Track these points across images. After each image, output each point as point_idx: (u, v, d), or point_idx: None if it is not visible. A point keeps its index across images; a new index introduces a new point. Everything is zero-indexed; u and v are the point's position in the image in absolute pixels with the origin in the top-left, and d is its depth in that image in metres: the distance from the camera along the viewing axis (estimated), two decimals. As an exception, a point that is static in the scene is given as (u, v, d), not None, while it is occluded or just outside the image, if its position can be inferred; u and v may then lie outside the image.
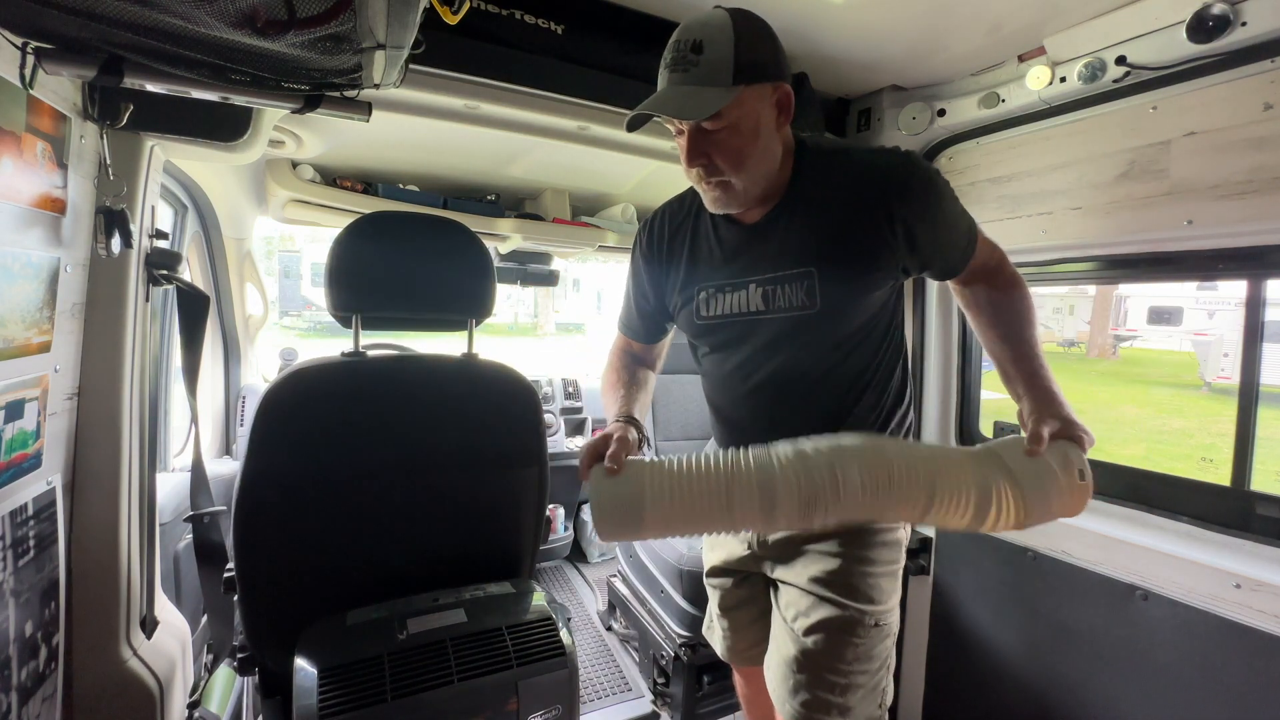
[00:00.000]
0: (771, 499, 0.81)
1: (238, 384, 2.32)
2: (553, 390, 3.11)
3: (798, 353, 1.01)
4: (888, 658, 1.04)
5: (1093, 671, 1.44)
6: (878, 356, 1.04)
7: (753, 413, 1.08)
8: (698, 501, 0.81)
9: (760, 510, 0.81)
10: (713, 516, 0.82)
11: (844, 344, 1.01)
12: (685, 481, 0.82)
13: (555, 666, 0.97)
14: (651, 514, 0.81)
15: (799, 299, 0.97)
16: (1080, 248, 1.50)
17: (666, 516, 0.81)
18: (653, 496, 0.82)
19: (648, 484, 0.82)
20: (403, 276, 1.14)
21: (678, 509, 0.81)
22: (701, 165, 0.91)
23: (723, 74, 0.84)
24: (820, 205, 0.96)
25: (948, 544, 1.79)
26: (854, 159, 0.98)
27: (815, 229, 0.96)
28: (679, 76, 0.85)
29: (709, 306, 1.05)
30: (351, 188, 1.98)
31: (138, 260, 1.03)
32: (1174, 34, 1.20)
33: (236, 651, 1.10)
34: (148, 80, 0.76)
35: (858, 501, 0.80)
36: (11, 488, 0.81)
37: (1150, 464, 2.69)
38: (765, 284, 0.99)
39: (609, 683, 2.08)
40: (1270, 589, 1.15)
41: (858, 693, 1.00)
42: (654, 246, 1.13)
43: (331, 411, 1.04)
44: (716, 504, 0.81)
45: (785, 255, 0.98)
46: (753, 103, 0.88)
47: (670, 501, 0.81)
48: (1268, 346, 1.31)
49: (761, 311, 1.00)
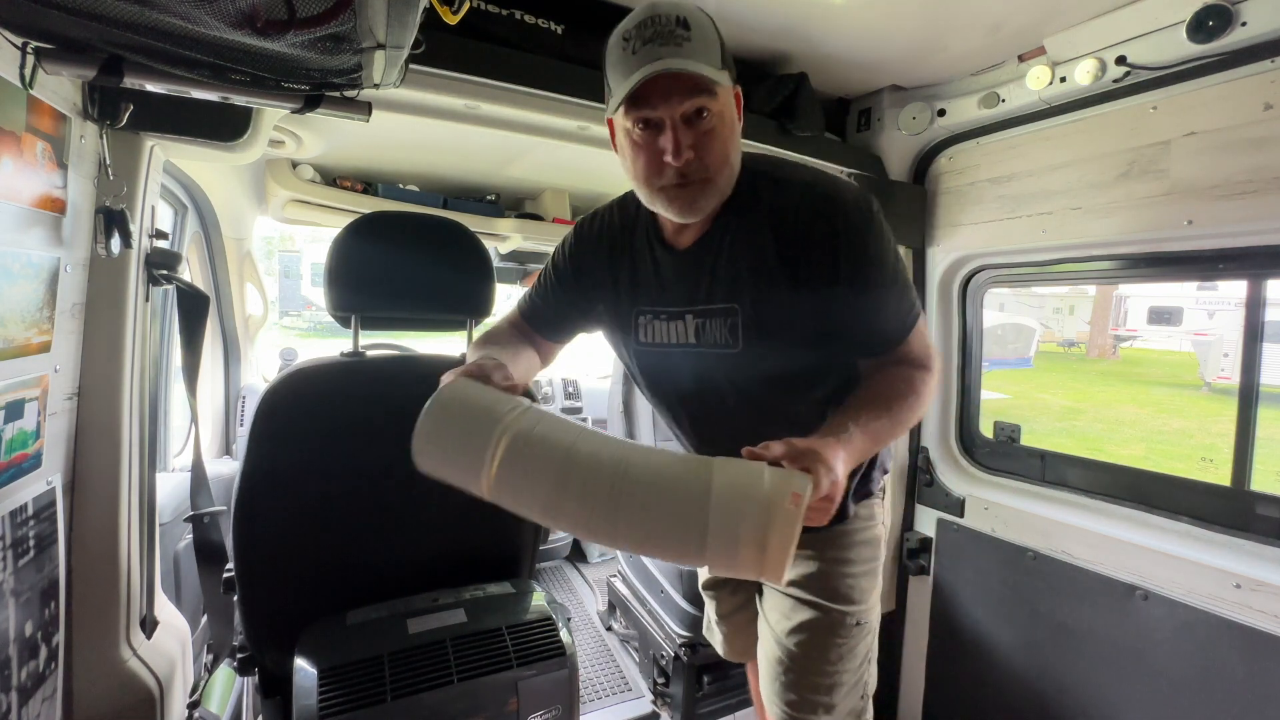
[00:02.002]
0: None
1: (238, 384, 2.32)
2: (552, 390, 3.11)
3: (727, 390, 0.93)
4: (870, 652, 1.06)
5: (1093, 671, 1.44)
6: (824, 402, 0.93)
7: (687, 437, 1.06)
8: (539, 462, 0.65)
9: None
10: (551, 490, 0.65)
11: (781, 383, 0.91)
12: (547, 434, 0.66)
13: (555, 666, 0.97)
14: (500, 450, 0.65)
15: (724, 336, 0.89)
16: (1080, 248, 1.50)
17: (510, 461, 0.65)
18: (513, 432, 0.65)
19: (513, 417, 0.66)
20: (402, 277, 1.14)
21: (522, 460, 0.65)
22: (688, 160, 0.78)
23: (714, 54, 0.75)
24: (750, 235, 0.86)
25: (948, 544, 1.79)
26: (785, 186, 0.86)
27: (743, 263, 0.86)
28: (669, 50, 0.72)
29: (647, 333, 0.97)
30: (351, 188, 1.98)
31: (138, 260, 1.03)
32: (1174, 34, 1.20)
33: (236, 651, 1.10)
34: (148, 80, 0.76)
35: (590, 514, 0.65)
36: (11, 488, 0.81)
37: (1150, 464, 2.69)
38: (698, 316, 0.91)
39: (609, 683, 2.08)
40: (1270, 589, 1.15)
41: (842, 689, 1.02)
42: (590, 251, 1.01)
43: (331, 411, 1.04)
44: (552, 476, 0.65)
45: (714, 288, 0.89)
46: (731, 97, 0.81)
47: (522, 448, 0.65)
48: (1268, 346, 1.31)
49: (694, 345, 0.92)
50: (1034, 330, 15.10)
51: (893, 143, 1.77)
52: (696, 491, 0.62)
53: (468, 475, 0.68)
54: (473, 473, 0.67)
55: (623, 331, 1.00)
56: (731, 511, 0.60)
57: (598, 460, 0.65)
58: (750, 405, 0.94)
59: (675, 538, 0.63)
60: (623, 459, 0.65)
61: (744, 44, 1.48)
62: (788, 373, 0.90)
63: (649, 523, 0.63)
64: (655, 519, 0.63)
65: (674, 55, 0.72)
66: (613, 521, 0.64)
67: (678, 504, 0.62)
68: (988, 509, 1.68)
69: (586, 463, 0.65)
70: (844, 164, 1.69)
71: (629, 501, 0.63)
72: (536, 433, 0.66)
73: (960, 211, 1.73)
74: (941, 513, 1.80)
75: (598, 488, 0.64)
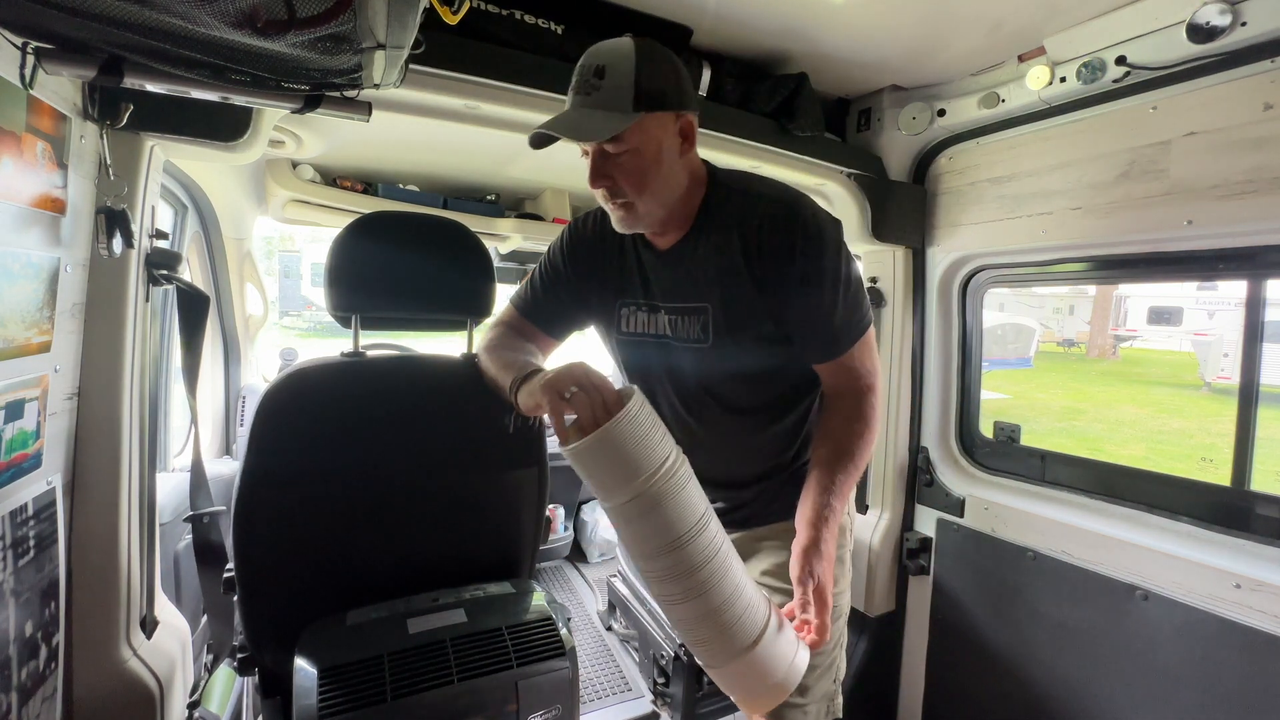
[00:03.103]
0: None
1: (238, 384, 2.32)
2: (553, 390, 3.10)
3: (699, 382, 1.04)
4: (840, 637, 1.12)
5: (1092, 671, 1.44)
6: (787, 404, 1.06)
7: (665, 420, 1.13)
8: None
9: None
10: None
11: (745, 378, 1.02)
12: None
13: (555, 667, 0.97)
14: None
15: (695, 332, 1.01)
16: (1080, 248, 1.50)
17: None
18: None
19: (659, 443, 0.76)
20: (402, 277, 1.14)
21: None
22: (605, 186, 0.93)
23: (623, 99, 0.86)
24: (720, 242, 0.97)
25: (948, 544, 1.79)
26: (753, 199, 0.97)
27: (713, 265, 0.98)
28: (581, 99, 0.88)
29: (629, 323, 1.08)
30: (351, 188, 1.98)
31: (138, 260, 1.02)
32: (1174, 34, 1.20)
33: (236, 651, 1.10)
34: (148, 80, 0.76)
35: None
36: (11, 488, 0.81)
37: (1150, 464, 2.69)
38: (671, 312, 1.03)
39: (609, 683, 2.08)
40: (1270, 589, 1.16)
41: (815, 672, 1.07)
42: (584, 248, 1.12)
43: (331, 411, 1.04)
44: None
45: (687, 287, 1.01)
46: (654, 129, 0.90)
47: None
48: (1268, 346, 1.32)
49: (669, 337, 1.04)
50: (1034, 330, 15.09)
51: (893, 143, 1.77)
52: (743, 641, 0.75)
53: (611, 490, 0.76)
54: (616, 491, 0.75)
55: (608, 322, 1.11)
56: (750, 681, 0.76)
57: (703, 554, 0.76)
58: (718, 395, 1.04)
59: (705, 651, 0.79)
60: (721, 560, 0.77)
61: (744, 44, 1.48)
62: (750, 369, 1.01)
63: (705, 623, 0.76)
64: (710, 628, 0.76)
65: (583, 104, 0.88)
66: (673, 606, 0.78)
67: (731, 628, 0.76)
68: (988, 509, 1.68)
69: (698, 545, 0.76)
70: (844, 164, 1.69)
71: (696, 606, 0.76)
72: (682, 495, 0.76)
73: (960, 211, 1.73)
74: (941, 513, 1.80)
75: (695, 569, 0.75)
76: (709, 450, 1.09)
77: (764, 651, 0.75)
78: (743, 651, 0.74)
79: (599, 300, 1.11)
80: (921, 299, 1.86)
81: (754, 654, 0.74)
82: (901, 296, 1.86)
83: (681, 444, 1.02)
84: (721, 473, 1.12)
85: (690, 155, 0.97)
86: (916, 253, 1.84)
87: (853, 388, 0.99)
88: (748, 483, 1.12)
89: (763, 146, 1.51)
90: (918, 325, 1.87)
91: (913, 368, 1.88)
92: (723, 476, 1.12)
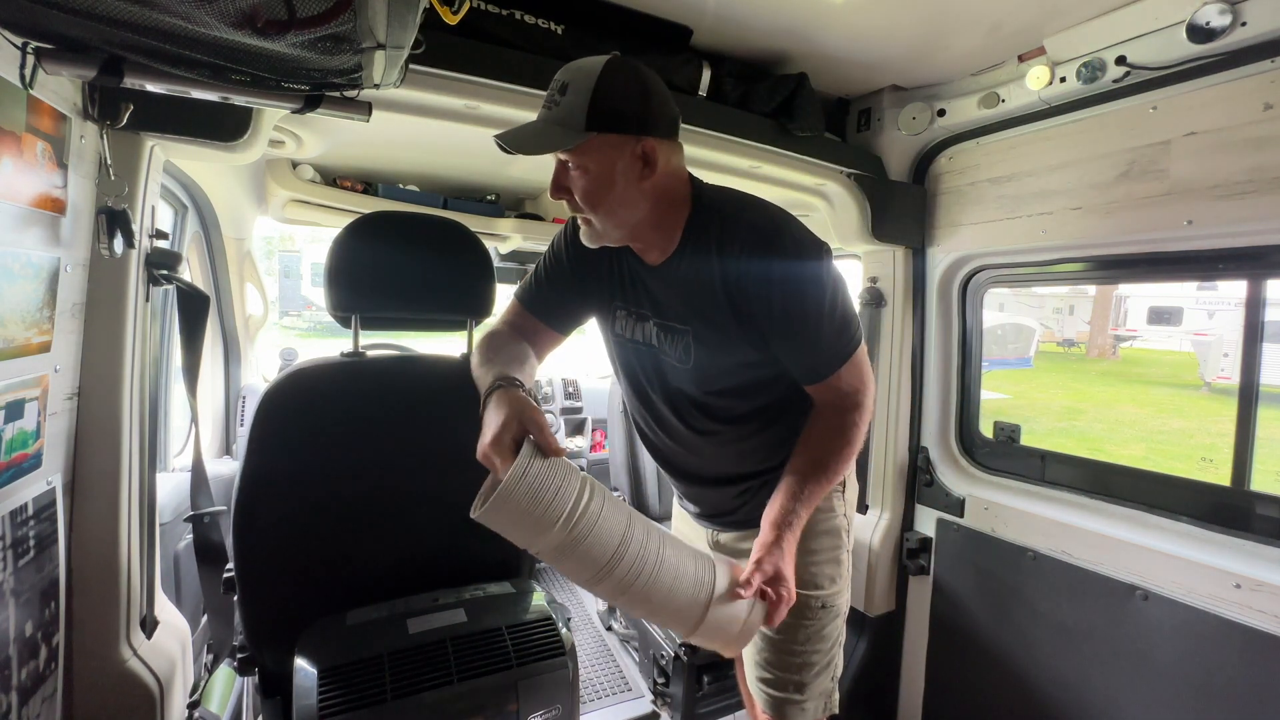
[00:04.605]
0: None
1: (238, 384, 2.32)
2: (553, 390, 3.11)
3: (686, 394, 1.06)
4: (839, 636, 1.15)
5: (1092, 671, 1.44)
6: (778, 412, 1.06)
7: (649, 427, 1.17)
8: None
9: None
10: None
11: (727, 393, 1.03)
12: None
13: (555, 666, 0.97)
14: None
15: (679, 353, 1.02)
16: (1080, 248, 1.50)
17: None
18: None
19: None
20: (402, 277, 1.14)
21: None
22: (564, 199, 0.94)
23: (576, 118, 0.86)
24: (700, 266, 0.96)
25: (948, 544, 1.79)
26: (732, 225, 0.95)
27: (693, 292, 0.97)
28: (544, 113, 0.90)
29: (622, 326, 1.09)
30: (351, 188, 1.99)
31: (138, 260, 1.02)
32: (1174, 34, 1.20)
33: (236, 651, 1.10)
34: (148, 80, 0.76)
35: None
36: (11, 488, 0.81)
37: (1150, 464, 2.69)
38: (659, 326, 1.04)
39: (609, 683, 2.08)
40: (1270, 589, 1.16)
41: (812, 670, 1.12)
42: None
43: (331, 411, 1.04)
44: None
45: (675, 306, 1.01)
46: (606, 150, 0.88)
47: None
48: (1268, 346, 1.32)
49: (656, 348, 1.06)
50: (1034, 330, 15.09)
51: (893, 143, 1.77)
52: (696, 614, 0.84)
53: (527, 542, 0.80)
54: (532, 544, 0.80)
55: (605, 320, 1.13)
56: (717, 639, 0.86)
57: (634, 570, 0.83)
58: (704, 406, 1.06)
59: (670, 628, 0.95)
60: (651, 566, 0.83)
61: (744, 44, 1.48)
62: (735, 386, 1.03)
63: (658, 614, 0.86)
64: (664, 615, 0.86)
65: (544, 118, 0.89)
66: (629, 608, 0.87)
67: (682, 610, 0.85)
68: (988, 509, 1.68)
69: (624, 566, 0.82)
70: (844, 164, 1.69)
71: (645, 605, 0.84)
72: (597, 530, 0.81)
73: (960, 211, 1.73)
74: (941, 513, 1.80)
75: (628, 584, 0.82)
76: (701, 453, 1.11)
77: (717, 615, 0.84)
78: (699, 621, 0.84)
79: (597, 296, 1.12)
80: (921, 299, 1.86)
81: (709, 620, 0.84)
82: (901, 296, 1.85)
83: (674, 446, 1.05)
84: (713, 473, 1.14)
85: (655, 180, 0.92)
86: (916, 253, 1.84)
87: (839, 405, 0.99)
88: (741, 483, 1.13)
89: (763, 146, 1.51)
90: (918, 325, 1.87)
91: (913, 368, 1.87)
92: (715, 476, 1.13)
